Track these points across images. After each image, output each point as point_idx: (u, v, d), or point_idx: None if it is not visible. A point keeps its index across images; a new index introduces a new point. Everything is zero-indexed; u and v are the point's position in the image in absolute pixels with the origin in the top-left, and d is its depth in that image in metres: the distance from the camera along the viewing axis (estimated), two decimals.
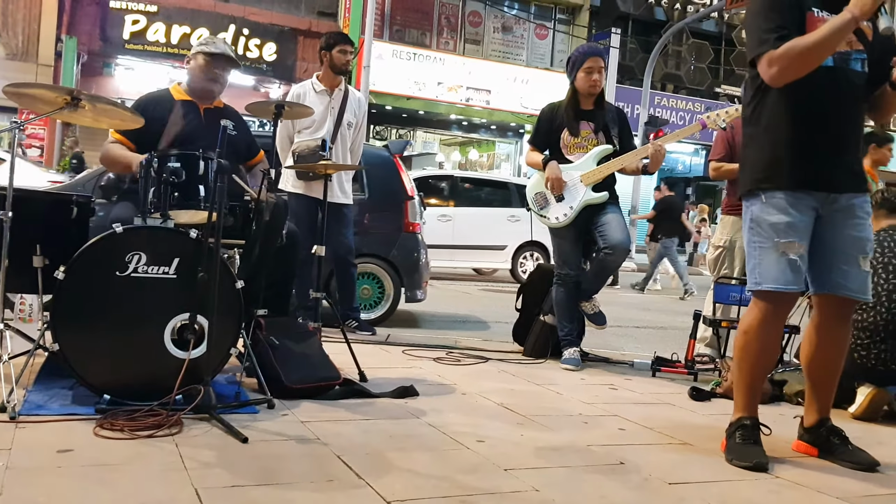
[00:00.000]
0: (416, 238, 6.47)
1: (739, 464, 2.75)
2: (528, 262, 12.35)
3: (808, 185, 2.78)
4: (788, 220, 2.77)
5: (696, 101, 23.02)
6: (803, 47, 2.66)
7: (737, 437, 2.87)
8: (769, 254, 2.80)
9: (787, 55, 2.67)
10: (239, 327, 3.15)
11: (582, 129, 4.57)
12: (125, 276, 2.90)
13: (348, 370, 3.65)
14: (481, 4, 21.43)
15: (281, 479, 2.29)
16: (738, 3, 16.50)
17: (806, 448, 2.98)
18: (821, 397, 3.00)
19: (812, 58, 2.69)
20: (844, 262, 2.83)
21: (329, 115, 5.13)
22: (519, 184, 13.66)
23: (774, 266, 2.79)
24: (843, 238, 2.83)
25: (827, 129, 2.78)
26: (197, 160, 3.15)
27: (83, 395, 2.90)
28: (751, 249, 2.88)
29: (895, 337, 3.64)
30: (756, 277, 2.85)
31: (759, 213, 2.82)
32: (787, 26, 2.70)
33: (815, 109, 2.76)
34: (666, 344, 5.91)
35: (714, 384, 4.11)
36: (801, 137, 2.77)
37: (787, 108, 2.78)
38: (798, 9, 2.75)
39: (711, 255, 5.15)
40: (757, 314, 2.87)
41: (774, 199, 2.79)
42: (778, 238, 2.78)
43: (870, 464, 2.82)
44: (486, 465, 2.56)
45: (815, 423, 2.98)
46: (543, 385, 3.99)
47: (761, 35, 2.74)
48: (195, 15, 17.35)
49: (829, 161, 2.79)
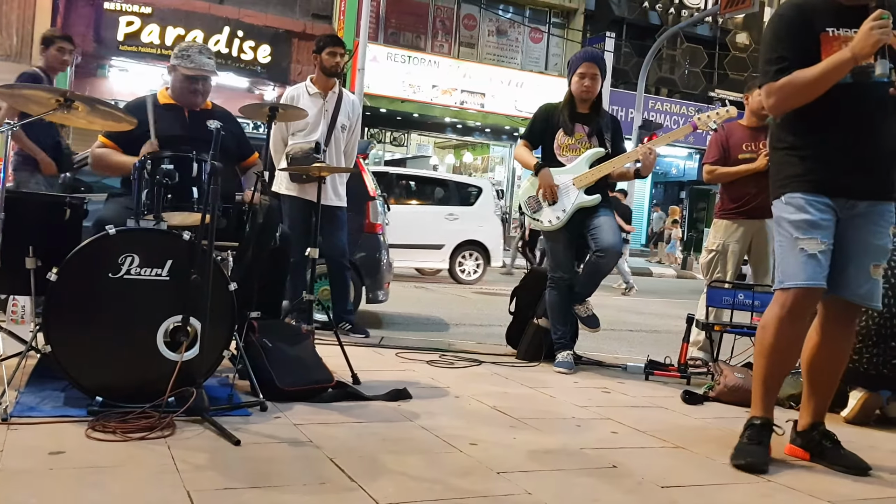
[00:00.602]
0: (377, 239, 6.47)
1: (734, 462, 2.78)
2: (466, 261, 12.35)
3: (825, 191, 2.81)
4: (807, 218, 2.79)
5: (691, 106, 23.04)
6: (800, 83, 2.74)
7: (744, 437, 2.90)
8: (789, 252, 2.83)
9: (784, 89, 2.78)
10: (232, 329, 3.15)
11: (576, 131, 4.59)
12: (118, 277, 2.89)
13: (341, 373, 3.65)
14: (476, 8, 21.43)
15: (273, 482, 2.28)
16: (732, 7, 16.56)
17: (798, 452, 2.98)
18: (817, 401, 3.00)
19: (808, 92, 2.77)
20: (855, 266, 2.85)
21: (323, 117, 5.13)
22: (459, 182, 13.60)
23: (794, 263, 2.81)
24: (858, 243, 2.85)
25: (847, 138, 2.79)
26: (190, 162, 3.15)
27: (75, 397, 2.89)
28: (777, 250, 2.94)
29: (887, 341, 3.65)
30: (779, 276, 2.89)
31: (780, 213, 2.88)
32: (788, 58, 2.77)
33: (833, 119, 2.78)
34: (659, 347, 5.93)
35: (707, 387, 4.11)
36: (820, 145, 2.81)
37: (809, 119, 2.81)
38: (807, 33, 2.78)
39: (704, 259, 5.16)
40: (777, 310, 2.88)
41: (794, 199, 2.83)
42: (797, 235, 2.80)
43: (861, 468, 2.83)
44: (479, 469, 2.56)
45: (808, 426, 2.98)
46: (536, 388, 3.99)
47: (764, 66, 2.87)
48: (190, 17, 17.31)
49: (849, 168, 2.80)
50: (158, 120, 3.68)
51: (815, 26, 2.79)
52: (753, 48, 23.86)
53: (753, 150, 4.91)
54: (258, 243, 3.46)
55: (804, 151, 2.84)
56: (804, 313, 2.90)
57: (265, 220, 3.45)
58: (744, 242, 4.98)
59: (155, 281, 2.95)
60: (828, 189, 2.81)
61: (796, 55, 2.77)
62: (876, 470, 2.85)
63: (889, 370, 3.64)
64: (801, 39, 2.79)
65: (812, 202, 2.80)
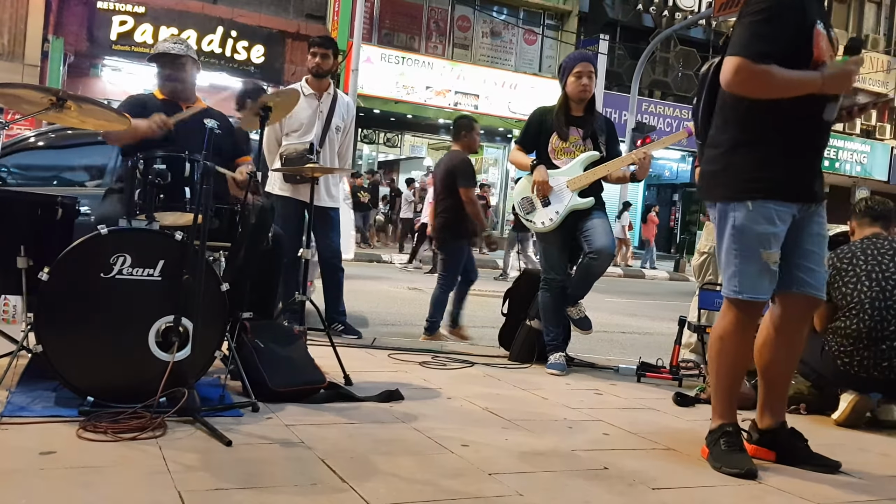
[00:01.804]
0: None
1: (729, 471, 2.75)
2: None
3: (797, 198, 2.82)
4: (774, 231, 2.79)
5: (684, 108, 23.08)
6: (775, 82, 2.70)
7: (721, 444, 2.86)
8: (751, 264, 2.81)
9: (758, 77, 2.69)
10: (224, 330, 3.15)
11: (571, 134, 4.60)
12: (110, 277, 2.88)
13: (333, 374, 3.65)
14: (470, 9, 21.45)
15: (264, 483, 2.28)
16: (726, 10, 16.59)
17: (762, 452, 2.97)
18: (776, 399, 3.01)
19: (775, 93, 2.75)
20: (810, 260, 2.88)
21: (318, 118, 5.13)
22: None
23: (756, 277, 2.81)
24: (810, 237, 2.88)
25: (813, 141, 2.81)
26: (182, 162, 3.14)
27: (66, 398, 2.88)
28: (730, 256, 2.86)
29: (878, 344, 3.66)
30: (735, 286, 2.85)
31: (745, 222, 2.80)
32: (777, 43, 2.69)
33: (805, 121, 2.78)
34: (651, 349, 5.95)
35: (699, 389, 4.12)
36: (796, 149, 2.81)
37: (781, 118, 2.77)
38: (801, 23, 2.75)
39: (696, 261, 5.17)
40: (733, 320, 2.89)
41: (764, 209, 2.78)
42: (763, 249, 2.79)
43: (831, 466, 2.86)
44: (471, 470, 2.56)
45: (771, 426, 2.97)
46: (529, 390, 3.99)
47: (751, 40, 2.71)
48: (183, 16, 17.27)
49: (814, 172, 2.85)
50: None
51: (811, 18, 2.76)
52: None
53: None
54: (251, 244, 3.45)
55: (770, 149, 2.79)
56: (757, 320, 2.96)
57: (258, 221, 3.44)
58: None
59: (147, 281, 2.94)
60: (800, 196, 2.82)
61: (785, 43, 2.71)
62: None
63: (879, 373, 3.66)
64: (789, 27, 2.73)
65: (780, 213, 2.79)
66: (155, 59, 3.86)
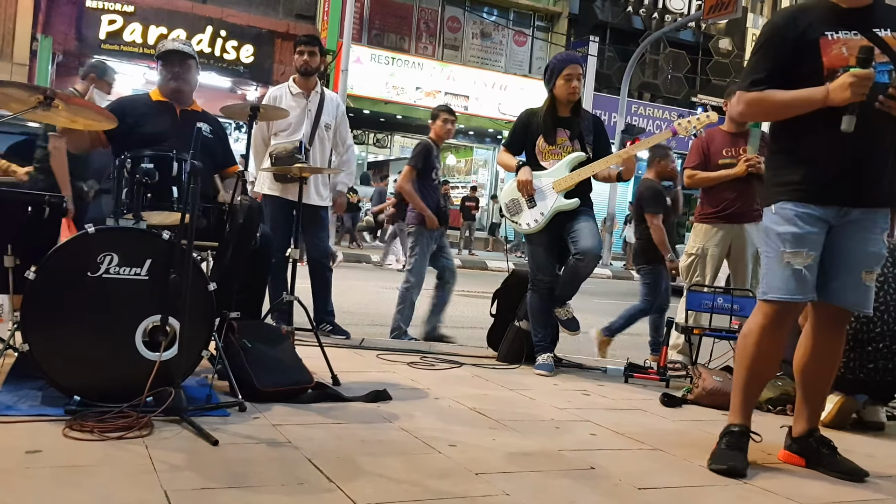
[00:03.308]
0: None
1: (716, 467, 2.79)
2: None
3: (817, 200, 2.81)
4: (795, 231, 2.80)
5: (673, 111, 23.18)
6: (769, 104, 2.83)
7: (723, 443, 2.91)
8: (775, 264, 2.85)
9: (752, 104, 2.87)
10: (211, 330, 3.14)
11: (558, 136, 4.60)
12: (97, 276, 2.88)
13: (321, 374, 3.64)
14: (460, 10, 21.47)
15: (251, 483, 2.28)
16: (715, 13, 16.66)
17: (794, 458, 3.00)
18: (811, 407, 3.02)
19: (775, 114, 2.87)
20: (846, 272, 2.86)
21: (306, 117, 5.12)
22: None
23: (779, 276, 2.83)
24: (850, 250, 2.86)
25: (842, 144, 2.76)
26: (170, 161, 3.14)
27: (53, 397, 2.87)
28: (763, 258, 2.96)
29: (864, 346, 3.68)
30: (764, 286, 2.90)
31: (768, 224, 2.89)
32: (766, 70, 2.81)
33: (830, 125, 2.75)
34: (639, 350, 5.97)
35: (685, 391, 4.14)
36: (814, 153, 2.82)
37: (804, 125, 2.81)
38: (795, 44, 2.78)
39: (684, 263, 5.20)
40: (760, 320, 2.91)
41: (783, 210, 2.84)
42: (783, 248, 2.82)
43: (858, 473, 2.86)
44: (458, 470, 2.57)
45: (803, 432, 3.00)
46: (516, 390, 4.00)
47: (745, 72, 2.92)
48: (172, 16, 17.22)
49: (842, 175, 2.80)
50: (149, 117, 3.69)
51: (811, 33, 2.79)
52: (736, 54, 24.03)
53: (733, 156, 4.96)
54: (238, 243, 3.45)
55: (797, 156, 2.85)
56: (785, 324, 2.93)
57: (245, 221, 3.44)
58: (723, 247, 5.02)
59: (134, 280, 2.93)
60: (820, 198, 2.81)
61: (775, 68, 2.81)
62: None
63: (865, 374, 3.68)
64: (786, 50, 2.80)
65: (801, 215, 2.80)
66: (163, 56, 3.81)
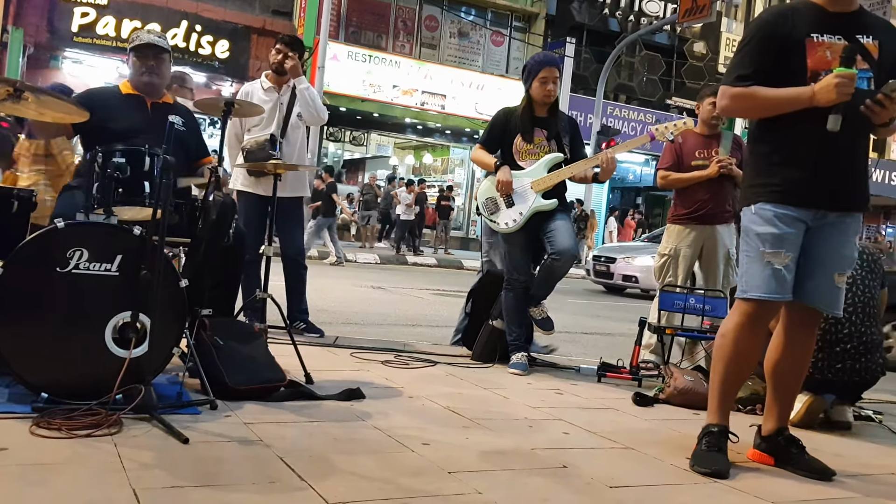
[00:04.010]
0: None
1: (700, 469, 2.79)
2: None
3: (796, 202, 2.84)
4: (774, 232, 2.83)
5: (648, 113, 23.36)
6: (755, 101, 2.83)
7: (703, 444, 2.92)
8: (755, 263, 2.88)
9: (737, 99, 2.87)
10: (182, 327, 3.11)
11: (536, 135, 4.61)
12: (66, 272, 2.83)
13: (294, 372, 3.62)
14: (438, 9, 21.47)
15: (221, 481, 2.26)
16: (690, 17, 16.80)
17: (763, 457, 3.03)
18: (781, 406, 3.06)
19: (761, 112, 2.88)
20: (821, 274, 2.90)
21: (278, 111, 5.09)
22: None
23: (759, 275, 2.86)
24: (826, 253, 2.90)
25: (822, 147, 2.80)
26: (142, 156, 3.10)
27: (20, 394, 2.83)
28: (741, 257, 2.98)
29: (832, 346, 3.73)
30: (743, 285, 2.93)
31: (748, 224, 2.92)
32: (753, 66, 2.82)
33: (812, 127, 2.77)
34: (612, 350, 6.00)
35: (657, 390, 4.17)
36: (794, 155, 2.84)
37: (786, 126, 2.84)
38: (784, 41, 2.80)
39: (657, 263, 5.23)
40: (738, 318, 2.93)
41: (763, 211, 2.86)
42: (763, 248, 2.85)
43: (826, 472, 2.89)
44: (431, 468, 2.57)
45: (773, 431, 3.03)
46: (490, 389, 4.01)
47: (731, 67, 2.92)
48: (146, 9, 17.05)
49: (822, 179, 2.83)
50: (119, 110, 3.64)
51: (798, 33, 2.81)
52: (710, 57, 24.24)
53: (706, 157, 5.00)
54: (211, 240, 3.42)
55: (777, 157, 2.87)
56: (763, 323, 2.97)
57: (218, 217, 3.41)
58: (695, 247, 5.06)
59: (104, 276, 2.90)
60: (799, 200, 2.84)
61: (763, 64, 2.82)
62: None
63: (833, 374, 3.73)
64: (773, 48, 2.82)
65: (781, 215, 2.83)
66: (137, 49, 3.74)
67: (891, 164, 27.03)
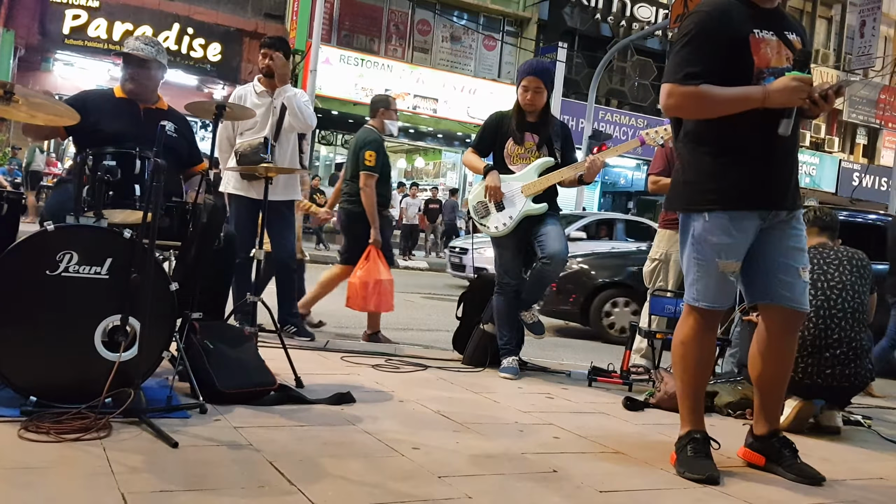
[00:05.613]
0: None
1: (692, 476, 2.78)
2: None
3: (751, 205, 2.84)
4: (730, 242, 2.83)
5: (639, 117, 23.43)
6: (706, 100, 2.75)
7: (688, 450, 2.90)
8: (709, 273, 2.87)
9: (688, 97, 2.77)
10: (172, 330, 3.10)
11: (527, 140, 4.62)
12: (55, 275, 2.82)
13: (285, 376, 3.61)
14: (430, 13, 21.49)
15: (211, 485, 2.25)
16: (681, 23, 16.84)
17: (754, 456, 3.04)
18: (771, 408, 3.07)
19: (711, 111, 2.80)
20: (785, 272, 2.90)
21: (271, 114, 5.08)
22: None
23: (714, 286, 2.88)
24: (784, 249, 2.91)
25: (765, 147, 2.81)
26: (133, 159, 3.09)
27: (8, 397, 2.81)
28: (690, 264, 2.94)
29: (822, 352, 3.74)
30: (694, 294, 2.93)
31: (702, 232, 2.87)
32: (702, 62, 2.74)
33: (763, 127, 2.77)
34: (603, 354, 6.00)
35: (648, 394, 4.17)
36: (744, 155, 2.82)
37: (728, 127, 2.79)
38: (729, 36, 2.77)
39: (647, 268, 5.23)
40: (693, 325, 2.95)
41: (719, 220, 2.83)
42: (719, 259, 2.84)
43: (816, 477, 2.89)
44: (421, 473, 2.56)
45: (766, 433, 3.03)
46: (481, 393, 4.01)
47: (675, 61, 2.81)
48: (138, 12, 17.03)
49: (770, 179, 2.84)
50: (112, 113, 3.63)
51: (742, 28, 2.79)
52: None
53: None
54: (201, 243, 3.41)
55: (725, 158, 2.83)
56: (715, 326, 3.04)
57: (209, 220, 3.40)
58: None
59: (94, 279, 2.89)
60: (754, 202, 2.84)
61: (713, 62, 2.75)
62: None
63: (823, 380, 3.74)
64: (721, 44, 2.76)
65: (737, 223, 2.83)
66: (123, 56, 3.75)
67: (881, 169, 27.18)
